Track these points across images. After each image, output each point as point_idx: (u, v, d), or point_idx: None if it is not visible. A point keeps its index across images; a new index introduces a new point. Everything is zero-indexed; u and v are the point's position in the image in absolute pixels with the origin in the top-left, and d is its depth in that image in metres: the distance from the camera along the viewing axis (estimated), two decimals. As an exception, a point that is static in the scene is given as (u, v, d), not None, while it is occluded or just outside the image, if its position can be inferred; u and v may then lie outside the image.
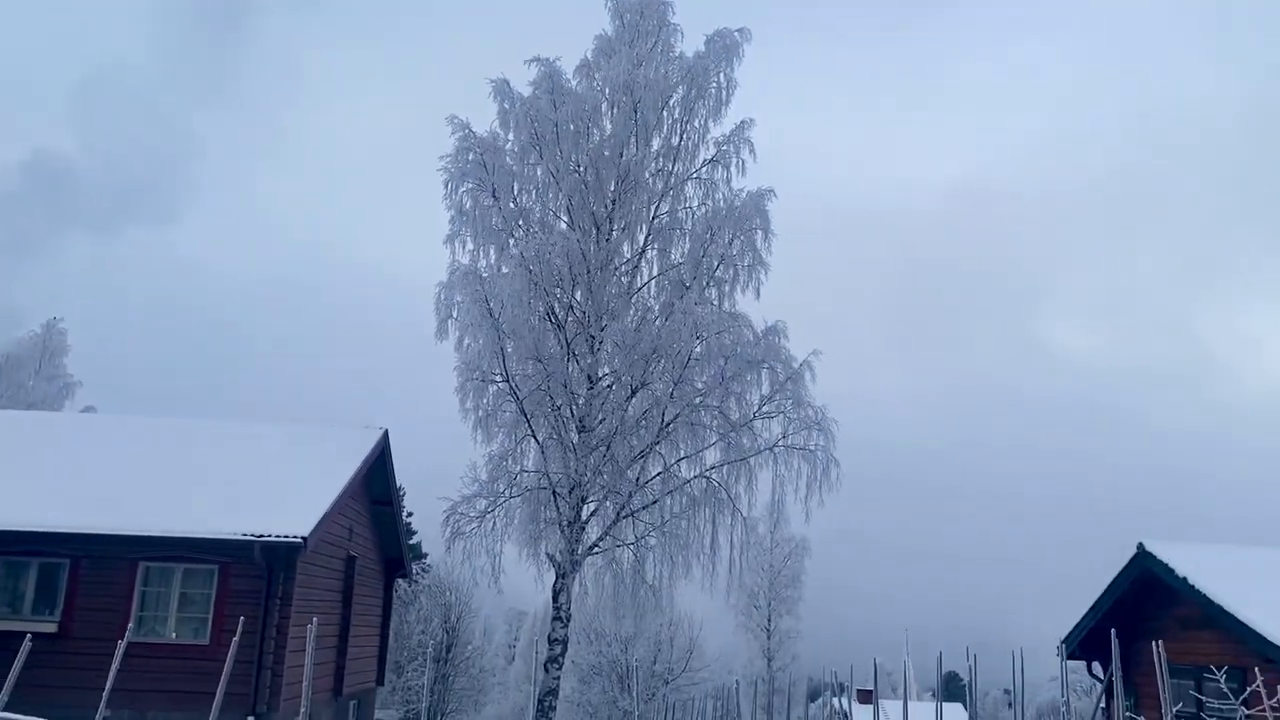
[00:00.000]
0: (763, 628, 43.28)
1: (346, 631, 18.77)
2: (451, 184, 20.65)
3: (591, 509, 20.80)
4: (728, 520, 20.61)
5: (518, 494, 20.13)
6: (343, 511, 18.01)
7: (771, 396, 20.73)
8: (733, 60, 22.10)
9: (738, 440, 20.62)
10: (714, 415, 20.72)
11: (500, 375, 19.57)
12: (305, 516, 15.25)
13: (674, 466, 20.82)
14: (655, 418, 20.34)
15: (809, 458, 20.25)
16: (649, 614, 21.85)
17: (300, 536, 14.87)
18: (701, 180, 21.93)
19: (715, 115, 22.08)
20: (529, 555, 20.31)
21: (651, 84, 21.33)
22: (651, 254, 21.85)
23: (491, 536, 19.87)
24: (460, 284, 19.70)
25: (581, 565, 20.61)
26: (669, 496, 20.73)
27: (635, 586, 20.88)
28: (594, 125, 21.40)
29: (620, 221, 21.43)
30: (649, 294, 21.71)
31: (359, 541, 19.70)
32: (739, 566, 20.68)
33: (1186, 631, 14.61)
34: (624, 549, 21.03)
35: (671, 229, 21.70)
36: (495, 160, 20.70)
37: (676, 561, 20.73)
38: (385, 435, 19.35)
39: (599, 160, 21.12)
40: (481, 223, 20.70)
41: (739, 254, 21.28)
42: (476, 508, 19.78)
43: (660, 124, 21.69)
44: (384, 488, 20.57)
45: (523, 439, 20.10)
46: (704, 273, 21.09)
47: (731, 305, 21.27)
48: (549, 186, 21.18)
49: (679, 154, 21.94)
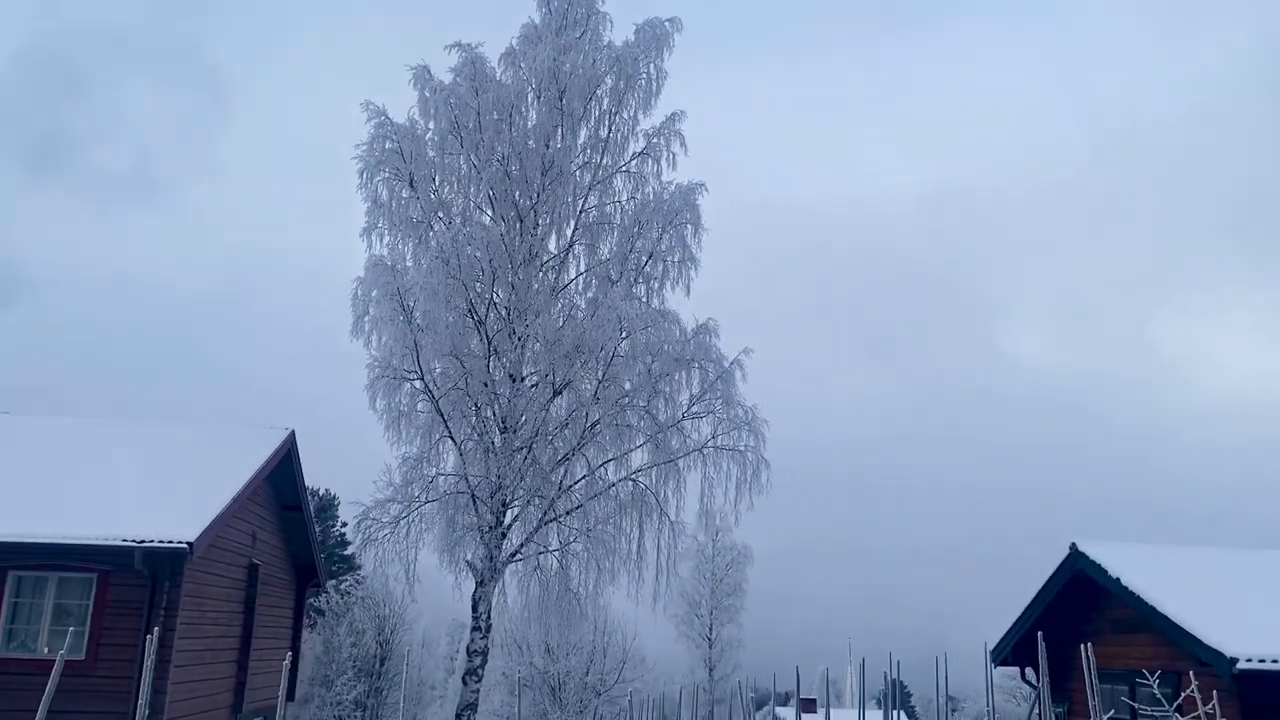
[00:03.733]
0: (704, 637, 42.55)
1: (248, 644, 17.67)
2: (366, 173, 19.67)
3: (514, 514, 19.92)
4: (655, 524, 19.85)
5: (434, 498, 19.17)
6: (242, 516, 16.97)
7: (701, 396, 20.02)
8: (663, 51, 21.38)
9: (666, 441, 19.85)
10: (641, 416, 19.94)
11: (415, 373, 18.63)
12: (193, 521, 14.21)
13: (600, 469, 20.02)
14: (580, 418, 19.53)
15: (738, 459, 19.52)
16: (574, 623, 20.94)
17: (186, 542, 13.83)
18: (631, 173, 21.16)
19: (645, 107, 21.29)
20: (446, 563, 19.39)
21: (578, 72, 20.58)
22: (579, 249, 21.08)
23: (406, 543, 18.90)
24: (373, 277, 18.75)
25: (503, 573, 19.70)
26: (595, 500, 19.89)
27: (560, 594, 20.02)
28: (518, 114, 20.55)
29: (546, 215, 20.63)
30: (575, 290, 20.95)
31: (264, 549, 18.61)
32: (666, 572, 19.87)
33: (1120, 635, 14.09)
34: (548, 556, 20.18)
35: (600, 223, 20.96)
36: (413, 149, 19.76)
37: (603, 568, 19.90)
38: (291, 436, 18.31)
39: (523, 151, 20.30)
40: (399, 214, 19.75)
41: (668, 249, 20.55)
42: (390, 513, 18.76)
43: (588, 115, 20.93)
44: (293, 492, 19.50)
45: (439, 440, 19.14)
46: (632, 268, 20.33)
47: (661, 302, 20.50)
48: (470, 177, 20.30)
49: (608, 146, 21.13)
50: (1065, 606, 15.49)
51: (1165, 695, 10.04)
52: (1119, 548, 14.54)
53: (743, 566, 43.17)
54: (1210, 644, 11.58)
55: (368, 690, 42.40)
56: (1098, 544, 14.52)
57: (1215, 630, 11.82)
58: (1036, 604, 15.60)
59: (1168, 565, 14.36)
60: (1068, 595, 15.36)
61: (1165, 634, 12.61)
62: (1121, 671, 13.15)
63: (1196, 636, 11.84)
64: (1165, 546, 15.85)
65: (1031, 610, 15.63)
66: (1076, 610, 15.42)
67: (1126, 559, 14.04)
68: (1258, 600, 13.21)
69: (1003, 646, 16.30)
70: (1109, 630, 14.38)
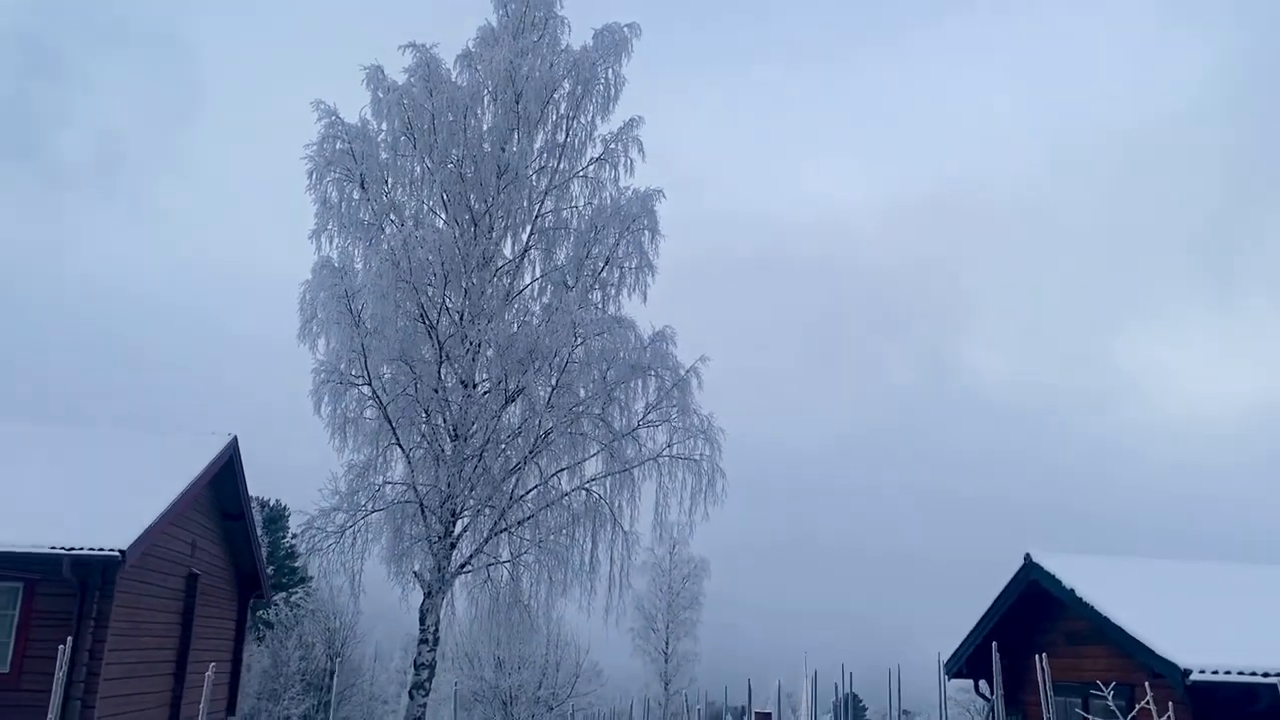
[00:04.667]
0: (660, 650, 42.15)
1: (185, 657, 17.06)
2: (316, 174, 19.22)
3: (464, 524, 19.48)
4: (609, 535, 19.51)
5: (381, 507, 18.70)
6: (180, 524, 16.38)
7: (657, 404, 19.74)
8: (622, 56, 21.16)
9: (621, 450, 19.55)
10: (596, 424, 19.62)
11: (362, 378, 18.18)
12: (126, 529, 13.62)
13: (553, 479, 19.65)
14: (533, 426, 19.17)
15: (694, 468, 19.27)
16: (525, 635, 20.53)
17: (118, 550, 13.24)
18: (588, 179, 20.90)
19: (603, 112, 21.08)
20: (393, 573, 18.92)
21: (535, 76, 20.29)
22: (535, 254, 20.75)
23: (351, 553, 18.42)
24: (321, 279, 18.30)
25: (452, 584, 19.25)
26: (547, 510, 19.51)
27: (510, 606, 19.60)
28: (473, 117, 20.19)
29: (501, 219, 20.29)
30: (530, 295, 20.61)
31: (204, 558, 18.01)
32: (620, 584, 19.51)
33: (1074, 646, 13.95)
34: (499, 567, 19.76)
35: (556, 228, 20.66)
36: (365, 150, 19.35)
37: (554, 580, 19.50)
38: (233, 443, 17.74)
39: (478, 154, 19.95)
40: (349, 216, 19.31)
41: (625, 255, 20.28)
42: (335, 522, 18.28)
43: (545, 119, 20.63)
44: (236, 500, 18.92)
45: (387, 448, 18.69)
46: (588, 274, 20.05)
47: (617, 309, 20.23)
48: (424, 179, 19.91)
49: (565, 151, 20.85)
50: (1020, 618, 15.35)
51: (1119, 707, 9.87)
52: (1073, 559, 14.42)
53: (700, 579, 42.84)
54: (1164, 655, 11.44)
55: (316, 704, 41.55)
56: (1052, 555, 14.39)
57: (1169, 641, 11.69)
58: (990, 616, 15.45)
59: (1122, 577, 14.27)
60: (1022, 607, 15.22)
61: (1119, 645, 12.47)
62: (1076, 684, 13.01)
63: (1150, 648, 11.71)
64: (1120, 558, 15.78)
65: (985, 622, 15.48)
66: (1031, 622, 15.29)
67: (1081, 570, 13.92)
68: (1212, 612, 13.12)
69: (957, 659, 16.13)
70: (1063, 642, 14.25)
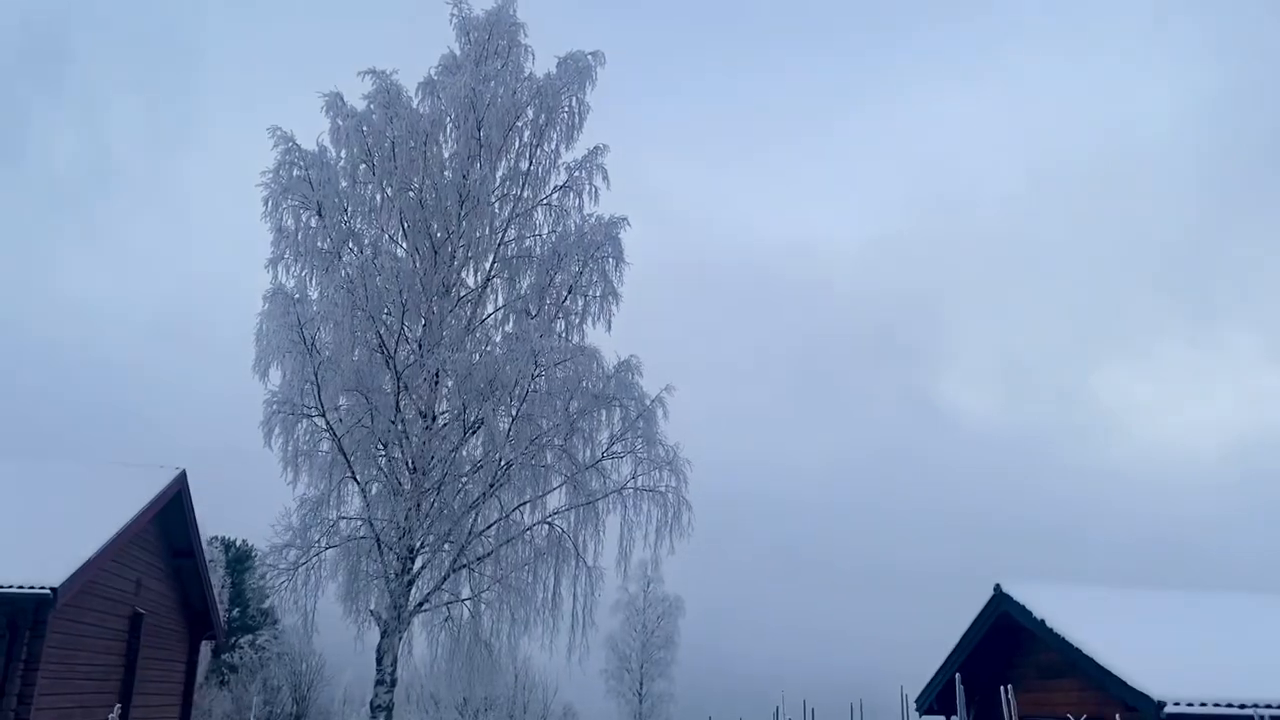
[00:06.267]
0: (634, 691, 41.32)
1: (129, 701, 16.34)
2: (272, 201, 18.80)
3: (423, 561, 18.90)
4: (572, 571, 18.96)
5: (336, 543, 18.12)
6: (123, 561, 15.77)
7: (622, 435, 19.30)
8: (585, 84, 20.90)
9: (585, 482, 19.07)
10: (559, 455, 19.16)
11: (315, 409, 17.66)
12: (59, 565, 13.04)
13: (515, 512, 19.12)
14: (494, 458, 18.67)
15: (659, 500, 18.76)
16: (487, 676, 19.85)
17: (49, 588, 12.66)
18: (552, 207, 20.57)
19: (567, 140, 20.78)
20: (349, 612, 18.29)
21: (497, 102, 19.98)
22: (498, 283, 20.37)
23: (304, 591, 17.80)
24: (274, 307, 17.82)
25: (410, 623, 18.62)
26: (508, 545, 18.97)
27: (471, 646, 18.98)
28: (434, 144, 19.89)
29: (463, 247, 19.92)
30: (493, 325, 20.21)
31: (151, 597, 17.35)
32: (584, 622, 18.91)
33: (1046, 680, 13.52)
34: (459, 605, 19.16)
35: (520, 257, 20.31)
36: (323, 176, 18.98)
37: (516, 618, 18.92)
38: (181, 477, 17.17)
39: (439, 181, 19.64)
40: (306, 244, 18.87)
41: (589, 283, 19.94)
42: (287, 558, 17.69)
43: (508, 146, 20.34)
44: (185, 537, 18.29)
45: (341, 481, 18.14)
46: (550, 302, 19.69)
47: (581, 338, 19.85)
48: (383, 207, 19.53)
49: (528, 179, 20.55)
50: (991, 651, 14.92)
51: (1091, 742, 9.45)
52: (1044, 589, 14.03)
53: (674, 618, 42.20)
54: (1137, 687, 11.05)
55: (282, 750, 40.49)
56: (1023, 585, 14.00)
57: (1142, 673, 11.31)
58: (961, 649, 15.01)
59: (1094, 606, 13.88)
60: (993, 639, 14.81)
61: (1091, 677, 12.05)
62: (1048, 717, 12.56)
63: (1122, 679, 11.31)
64: (1092, 588, 15.39)
65: (956, 656, 15.03)
66: (1002, 655, 14.86)
67: (1052, 601, 13.53)
68: (1187, 642, 12.75)
69: (927, 694, 15.65)
70: (1034, 675, 13.82)
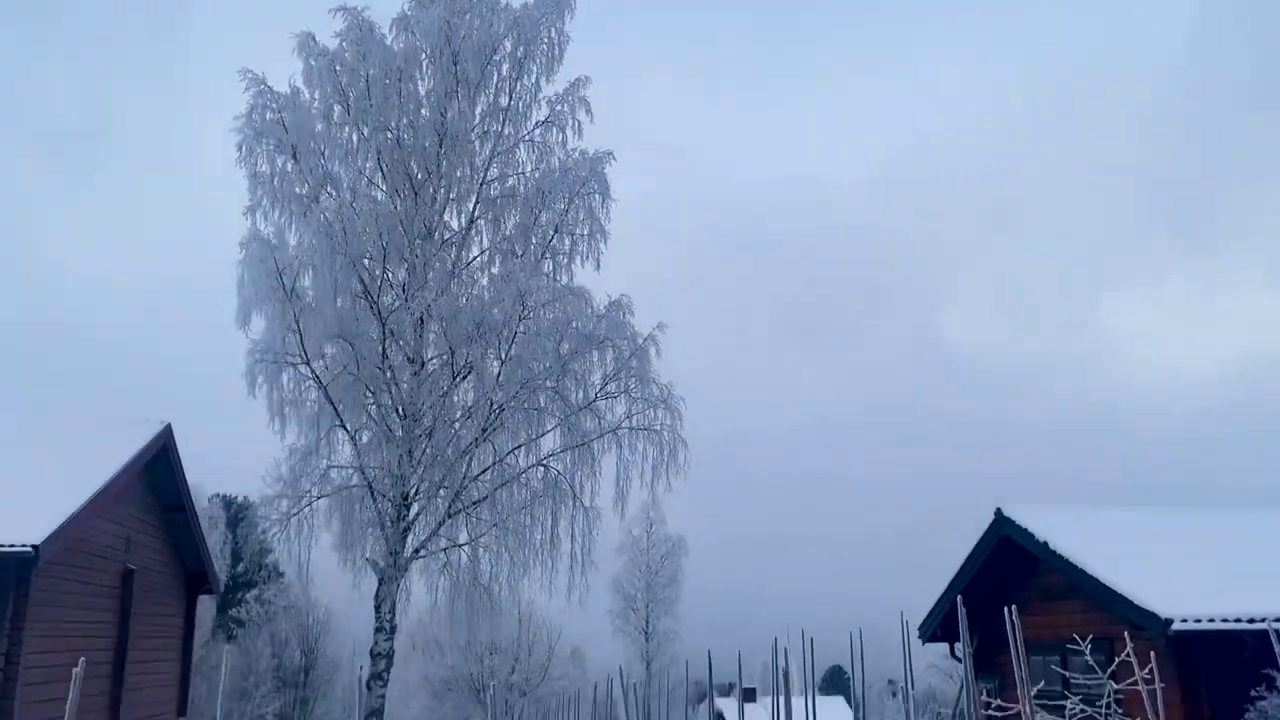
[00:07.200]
0: (640, 630, 41.62)
1: (124, 658, 16.19)
2: (245, 146, 18.24)
3: (418, 507, 18.68)
4: (569, 512, 18.77)
5: (329, 492, 17.89)
6: (110, 518, 15.49)
7: (615, 375, 18.99)
8: (564, 13, 20.25)
9: (578, 424, 18.80)
10: (551, 398, 18.86)
11: (299, 357, 17.29)
12: (41, 523, 12.75)
13: (509, 456, 18.87)
14: (485, 403, 18.36)
15: (654, 439, 18.53)
16: (487, 619, 19.75)
17: (31, 546, 12.39)
18: (535, 143, 20.03)
19: (548, 73, 20.17)
20: (345, 561, 18.12)
21: (473, 35, 19.35)
22: (482, 224, 19.91)
23: (298, 541, 17.60)
24: (251, 254, 17.36)
25: (407, 570, 18.46)
26: (504, 489, 18.76)
27: (470, 590, 18.86)
28: (409, 81, 19.29)
29: (444, 188, 19.42)
30: (479, 267, 19.78)
31: (143, 553, 17.12)
32: (583, 563, 18.76)
33: (1050, 603, 13.32)
34: (457, 550, 19.00)
35: (503, 197, 19.81)
36: (297, 119, 18.40)
37: (515, 560, 18.77)
38: (167, 430, 16.84)
39: (416, 120, 19.07)
40: (283, 189, 18.33)
41: (576, 222, 19.48)
42: (279, 509, 17.47)
43: (486, 81, 19.74)
44: (175, 492, 18.03)
45: (330, 430, 17.83)
46: (537, 242, 19.26)
47: (569, 278, 19.45)
48: (360, 148, 18.99)
49: (509, 114, 19.97)
50: (993, 577, 14.72)
51: (1098, 662, 9.20)
52: (1047, 511, 13.78)
53: (678, 557, 42.46)
54: (1143, 605, 10.82)
55: (291, 701, 40.77)
56: (1025, 508, 13.75)
57: (1148, 592, 11.08)
58: (962, 576, 14.80)
59: (1098, 528, 13.63)
60: (995, 565, 14.59)
61: (1096, 599, 11.84)
62: (1052, 641, 12.35)
63: (1129, 598, 11.08)
64: (1095, 509, 15.15)
65: (957, 582, 14.82)
66: (1005, 581, 14.65)
67: (1054, 523, 13.28)
68: (1192, 559, 12.53)
69: (929, 622, 15.50)
70: (1038, 599, 13.62)
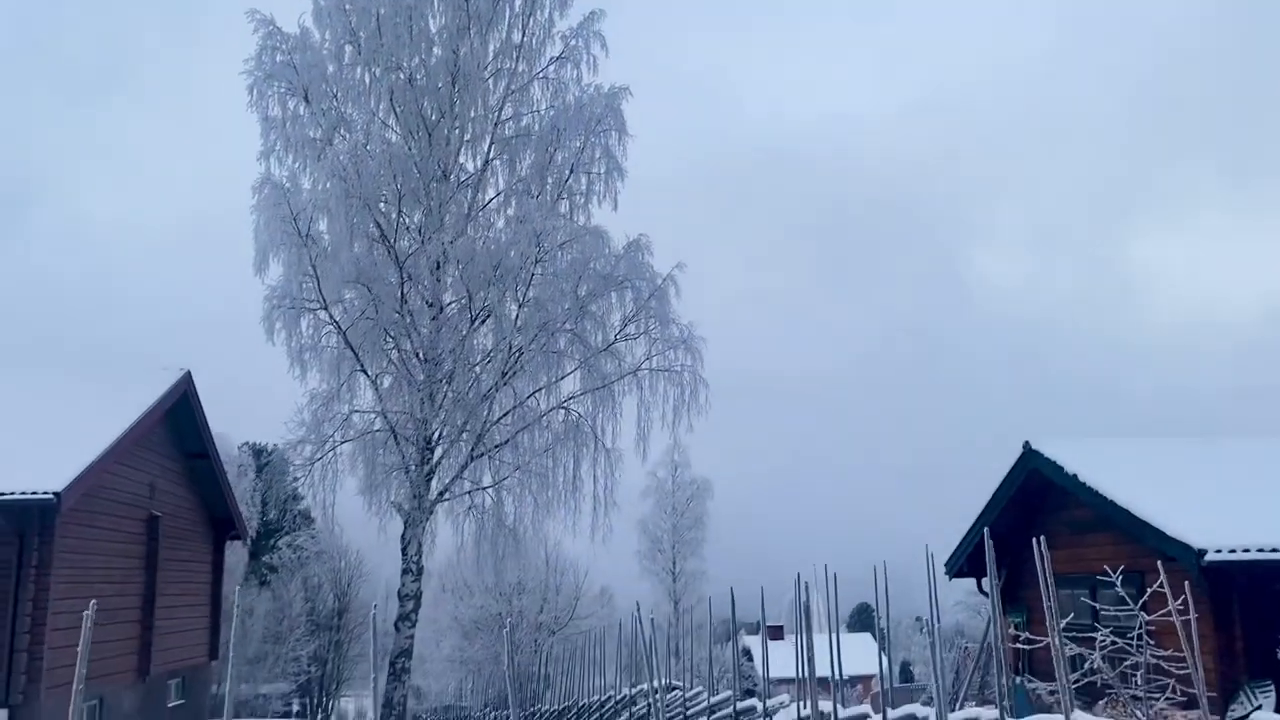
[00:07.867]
0: (667, 570, 41.89)
1: (152, 603, 16.34)
2: (256, 89, 18.01)
3: (442, 451, 18.65)
4: (591, 454, 18.68)
5: (350, 438, 17.87)
6: (133, 465, 15.55)
7: (634, 316, 18.76)
8: (575, -55, 19.74)
9: (598, 366, 18.63)
10: (571, 340, 18.67)
11: (317, 302, 17.16)
12: (62, 470, 12.77)
13: (530, 399, 18.76)
14: (504, 345, 18.20)
15: (675, 379, 18.36)
16: (512, 560, 19.82)
17: (53, 493, 12.42)
18: (549, 80, 19.59)
19: (561, 7, 19.72)
20: (370, 505, 18.17)
21: (483, -33, 18.90)
22: (497, 165, 19.57)
23: (322, 486, 17.64)
24: (265, 200, 17.18)
25: (432, 513, 18.49)
26: (526, 432, 18.68)
27: (495, 531, 18.89)
28: (420, 18, 18.86)
29: (458, 128, 19.05)
30: (495, 209, 19.50)
31: (168, 500, 17.22)
32: (605, 503, 18.69)
33: (1079, 535, 13.10)
34: (481, 493, 19.00)
35: (518, 137, 19.43)
36: (307, 60, 18.10)
37: (539, 502, 18.76)
38: (187, 378, 16.82)
39: (428, 59, 18.69)
40: (296, 133, 18.13)
41: (592, 160, 19.10)
42: (303, 454, 17.48)
43: (498, 17, 19.28)
44: (197, 439, 18.07)
45: (351, 375, 17.77)
46: (554, 182, 18.92)
47: (587, 218, 19.14)
48: (372, 89, 18.66)
49: (522, 51, 19.53)
50: (1021, 511, 14.51)
51: (1130, 595, 9.01)
52: (1075, 444, 13.52)
53: (703, 499, 42.55)
54: (1176, 536, 10.60)
55: (326, 644, 41.41)
56: (1053, 441, 13.49)
57: (1180, 522, 10.85)
58: (990, 510, 14.60)
59: (1127, 460, 13.36)
60: (1023, 499, 14.38)
61: (1127, 531, 11.62)
62: (1082, 575, 12.17)
63: (1161, 530, 10.86)
64: (1124, 440, 14.87)
65: (985, 517, 14.63)
66: (1033, 515, 14.44)
67: (1083, 455, 13.02)
68: (1225, 489, 12.26)
69: (956, 557, 15.35)
70: (1068, 532, 13.40)
